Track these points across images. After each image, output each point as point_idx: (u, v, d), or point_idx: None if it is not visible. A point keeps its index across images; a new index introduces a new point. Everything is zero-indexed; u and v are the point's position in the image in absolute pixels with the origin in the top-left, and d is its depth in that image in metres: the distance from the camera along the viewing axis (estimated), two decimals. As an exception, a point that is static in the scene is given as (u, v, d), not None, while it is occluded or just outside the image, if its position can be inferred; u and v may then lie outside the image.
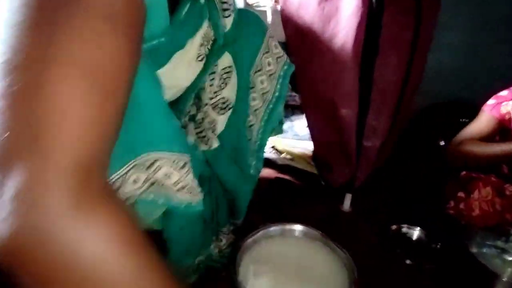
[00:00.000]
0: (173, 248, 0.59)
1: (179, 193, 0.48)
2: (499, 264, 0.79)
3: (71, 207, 0.23)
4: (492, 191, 0.86)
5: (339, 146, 0.87)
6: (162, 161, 0.44)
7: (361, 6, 0.70)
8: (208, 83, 0.65)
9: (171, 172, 0.46)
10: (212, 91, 0.65)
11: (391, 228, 0.89)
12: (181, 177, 0.47)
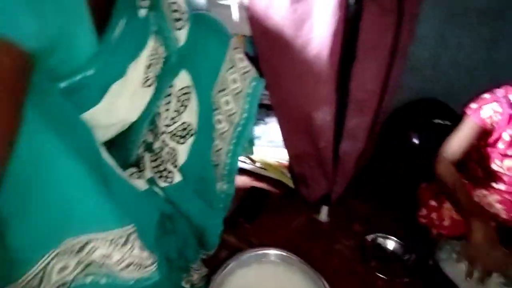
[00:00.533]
0: None
1: (123, 272, 0.41)
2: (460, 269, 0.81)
3: None
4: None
5: (315, 159, 0.83)
6: (97, 242, 0.37)
7: (337, 11, 0.62)
8: (163, 107, 0.56)
9: (110, 252, 0.39)
10: (168, 116, 0.57)
11: (366, 239, 0.89)
12: (125, 254, 0.40)
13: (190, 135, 0.60)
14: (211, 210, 0.66)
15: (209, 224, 0.65)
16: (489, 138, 0.88)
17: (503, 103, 0.83)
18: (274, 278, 0.70)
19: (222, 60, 0.60)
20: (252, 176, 1.10)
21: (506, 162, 0.84)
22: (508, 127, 0.84)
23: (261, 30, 0.73)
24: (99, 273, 0.39)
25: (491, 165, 0.88)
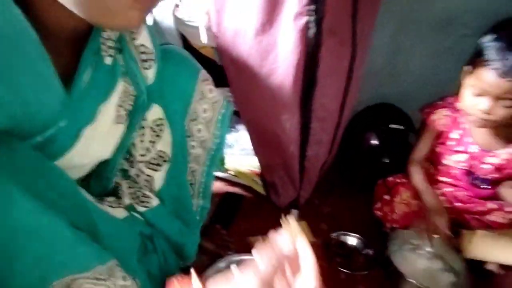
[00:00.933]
0: None
1: None
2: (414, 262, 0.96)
3: None
4: (411, 194, 1.01)
5: (283, 169, 0.93)
6: (82, 280, 0.42)
7: (299, 44, 0.70)
8: (138, 138, 0.62)
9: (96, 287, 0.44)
10: (144, 147, 0.63)
11: (331, 237, 1.01)
12: (109, 286, 0.45)
13: (165, 162, 0.66)
14: (188, 228, 0.73)
15: (187, 241, 0.73)
16: (441, 138, 1.04)
17: (450, 108, 0.98)
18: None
19: (192, 93, 0.65)
20: (226, 182, 1.19)
21: (454, 157, 1.01)
22: (455, 128, 1.00)
23: (229, 58, 0.80)
24: None
25: (443, 161, 1.04)
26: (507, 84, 0.80)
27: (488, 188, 1.02)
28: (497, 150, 0.96)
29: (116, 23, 0.38)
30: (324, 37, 0.72)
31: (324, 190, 1.15)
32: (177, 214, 0.70)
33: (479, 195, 1.04)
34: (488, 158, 0.97)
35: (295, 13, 0.68)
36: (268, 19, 0.71)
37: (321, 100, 0.81)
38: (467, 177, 1.02)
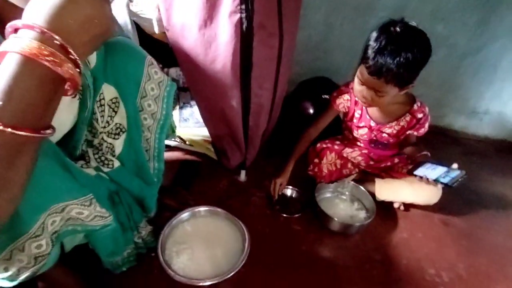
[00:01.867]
0: (101, 252, 0.84)
1: (92, 221, 0.70)
2: (335, 205, 1.26)
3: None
4: (335, 156, 1.30)
5: (230, 138, 1.16)
6: (71, 206, 0.64)
7: (234, 36, 0.90)
8: (99, 114, 0.80)
9: (81, 211, 0.67)
10: (104, 120, 0.81)
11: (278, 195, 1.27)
12: (91, 211, 0.68)
13: (122, 132, 0.84)
14: (147, 185, 0.92)
15: (146, 196, 0.92)
16: (348, 117, 1.29)
17: (351, 93, 1.22)
18: (206, 226, 1.05)
19: (141, 76, 0.83)
20: (183, 151, 1.40)
21: (360, 131, 1.28)
22: (356, 108, 1.25)
23: (178, 47, 0.98)
24: (76, 223, 0.67)
25: (354, 133, 1.31)
26: (376, 80, 1.02)
27: (389, 149, 1.32)
28: (389, 123, 1.22)
29: None
30: (255, 30, 0.92)
31: (269, 153, 1.41)
32: (137, 174, 0.89)
33: (385, 155, 1.34)
34: (385, 129, 1.24)
35: (230, 11, 0.87)
36: (209, 16, 0.89)
37: (257, 80, 1.02)
38: (373, 144, 1.31)
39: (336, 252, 1.13)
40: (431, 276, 1.09)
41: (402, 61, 0.94)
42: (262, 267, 1.01)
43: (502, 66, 1.63)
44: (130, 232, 0.92)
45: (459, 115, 1.85)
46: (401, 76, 0.98)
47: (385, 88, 1.02)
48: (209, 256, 0.96)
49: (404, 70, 0.96)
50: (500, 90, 1.71)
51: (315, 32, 1.64)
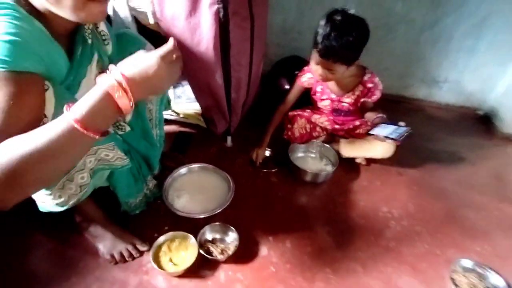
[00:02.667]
0: (120, 193, 1.12)
1: (116, 162, 0.97)
2: (307, 161, 1.56)
3: None
4: (305, 121, 1.58)
5: (216, 108, 1.43)
6: (101, 149, 0.91)
7: (214, 23, 1.15)
8: None
9: (107, 153, 0.93)
10: None
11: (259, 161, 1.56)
12: (114, 154, 0.95)
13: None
14: (151, 147, 1.19)
15: (151, 155, 1.20)
16: (312, 91, 1.57)
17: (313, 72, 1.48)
18: (199, 177, 1.35)
19: None
20: (178, 124, 1.68)
21: (322, 103, 1.56)
22: (318, 84, 1.52)
23: (170, 34, 1.24)
24: (104, 163, 0.93)
25: (318, 105, 1.59)
26: (326, 61, 1.27)
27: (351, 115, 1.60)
28: (347, 94, 1.50)
29: (85, 17, 0.72)
30: (230, 17, 1.18)
31: (251, 123, 1.69)
32: (143, 137, 1.16)
33: (347, 120, 1.62)
34: (344, 99, 1.51)
35: (210, 3, 1.13)
36: (193, 8, 1.15)
37: (235, 57, 1.29)
38: (336, 112, 1.59)
39: (307, 197, 1.43)
40: (384, 212, 1.39)
41: (344, 44, 1.21)
42: (245, 209, 1.31)
43: (455, 38, 1.90)
44: (140, 183, 1.21)
45: (422, 84, 2.12)
46: (345, 56, 1.26)
47: (334, 67, 1.29)
48: (202, 199, 1.26)
49: (347, 51, 1.24)
50: (456, 60, 1.98)
51: (289, 16, 1.90)
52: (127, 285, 1.03)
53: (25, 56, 0.67)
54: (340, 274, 1.13)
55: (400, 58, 2.03)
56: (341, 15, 1.23)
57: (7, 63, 0.63)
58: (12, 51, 0.64)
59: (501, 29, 1.81)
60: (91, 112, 0.63)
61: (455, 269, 1.16)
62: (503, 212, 1.45)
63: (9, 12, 0.66)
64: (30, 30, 0.69)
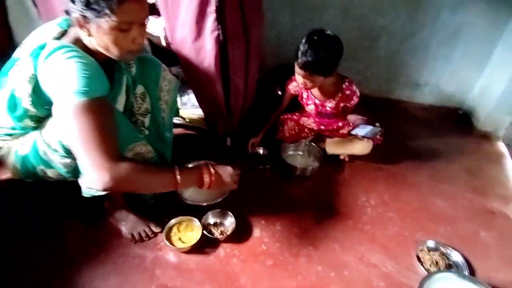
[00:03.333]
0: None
1: (147, 155, 1.22)
2: (296, 158, 1.80)
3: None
4: (294, 123, 1.83)
5: (217, 113, 1.69)
6: (138, 145, 1.17)
7: (214, 45, 1.40)
8: (135, 103, 1.31)
9: (141, 148, 1.19)
10: (137, 106, 1.32)
11: (252, 150, 1.81)
12: (146, 149, 1.20)
13: (148, 113, 1.36)
14: (165, 146, 1.45)
15: (165, 152, 1.45)
16: (299, 97, 1.81)
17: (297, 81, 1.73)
18: None
19: (159, 77, 1.37)
20: (185, 128, 1.95)
21: (308, 107, 1.81)
22: (303, 91, 1.78)
23: (179, 54, 1.50)
24: (139, 157, 1.18)
25: (305, 109, 1.84)
26: (305, 73, 1.52)
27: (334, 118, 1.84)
28: (329, 99, 1.74)
29: (121, 59, 1.07)
30: (228, 39, 1.42)
31: (249, 124, 1.94)
32: (158, 139, 1.42)
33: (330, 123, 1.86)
34: (326, 103, 1.76)
35: (211, 30, 1.37)
36: (197, 34, 1.40)
37: (233, 71, 1.53)
38: (320, 115, 1.84)
39: (296, 189, 1.67)
40: (362, 201, 1.63)
41: (318, 59, 1.47)
42: (242, 199, 1.55)
43: (432, 47, 2.12)
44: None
45: (405, 88, 2.35)
46: (320, 69, 1.51)
47: (312, 78, 1.55)
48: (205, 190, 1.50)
49: (321, 65, 1.49)
50: (434, 67, 2.21)
51: (284, 31, 2.16)
52: (145, 259, 1.29)
53: (96, 84, 0.96)
54: (321, 251, 1.37)
55: (384, 65, 2.26)
56: (318, 35, 1.48)
57: (87, 93, 0.91)
58: (88, 83, 0.92)
59: (473, 39, 2.04)
60: (187, 177, 1.15)
61: (421, 248, 1.38)
62: (470, 201, 1.68)
63: (76, 54, 0.94)
64: (90, 64, 0.96)
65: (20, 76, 1.00)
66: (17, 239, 1.35)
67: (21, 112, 1.06)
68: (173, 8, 1.37)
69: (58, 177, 1.19)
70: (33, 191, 1.44)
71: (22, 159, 1.17)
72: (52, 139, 1.07)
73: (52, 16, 1.53)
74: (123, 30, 0.96)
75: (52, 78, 0.95)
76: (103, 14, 0.91)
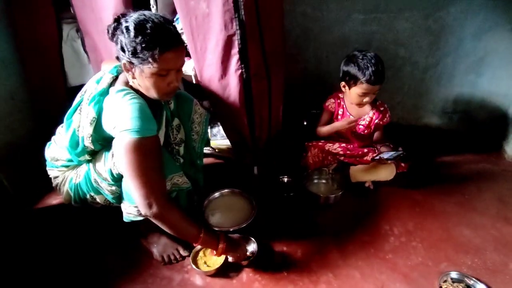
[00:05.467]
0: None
1: (183, 185, 1.37)
2: (320, 186, 1.87)
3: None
4: (317, 150, 1.91)
5: (243, 145, 1.82)
6: (175, 176, 1.32)
7: (238, 83, 1.54)
8: (171, 134, 1.48)
9: (178, 179, 1.34)
10: (173, 137, 1.49)
11: (277, 179, 1.90)
12: (182, 180, 1.35)
13: (182, 142, 1.53)
14: (197, 173, 1.62)
15: (197, 178, 1.61)
16: (335, 115, 1.91)
17: (335, 98, 1.86)
18: (229, 200, 1.73)
19: (191, 111, 1.54)
20: (214, 157, 2.10)
21: None
22: (339, 108, 1.88)
23: (207, 90, 1.66)
24: (175, 186, 1.34)
25: None
26: (377, 86, 1.66)
27: (364, 140, 1.91)
28: (363, 116, 1.84)
29: (157, 99, 1.22)
30: (251, 77, 1.57)
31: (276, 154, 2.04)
32: (191, 166, 1.58)
33: (360, 145, 1.93)
34: (360, 121, 1.85)
35: (235, 69, 1.53)
36: (223, 73, 1.56)
37: (257, 106, 1.67)
38: (352, 134, 1.91)
39: (319, 217, 1.72)
40: (385, 230, 1.64)
41: (382, 65, 1.67)
42: (265, 225, 1.63)
43: (457, 75, 2.14)
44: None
45: (433, 115, 2.35)
46: (384, 75, 1.67)
47: (377, 88, 1.69)
48: (230, 216, 1.63)
49: (384, 71, 1.67)
50: (461, 94, 2.20)
51: (309, 64, 2.29)
52: (172, 280, 1.40)
53: (149, 124, 1.14)
54: (340, 278, 1.40)
55: (409, 94, 2.30)
56: (361, 51, 1.69)
57: (140, 132, 1.08)
58: (142, 123, 1.10)
59: (499, 66, 2.03)
60: (206, 239, 1.27)
61: (445, 279, 1.37)
62: (500, 231, 1.63)
63: (133, 96, 1.13)
64: (143, 104, 1.15)
65: (83, 120, 1.21)
66: (61, 257, 1.52)
67: (81, 148, 1.26)
68: (201, 50, 1.55)
69: (104, 202, 1.37)
70: (80, 216, 1.63)
71: (76, 187, 1.37)
72: (102, 169, 1.25)
73: (99, 62, 1.79)
74: (161, 75, 1.13)
75: (113, 117, 1.13)
76: (146, 62, 1.08)
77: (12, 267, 1.48)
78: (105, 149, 1.26)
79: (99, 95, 1.17)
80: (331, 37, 2.16)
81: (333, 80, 2.27)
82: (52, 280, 1.42)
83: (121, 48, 1.09)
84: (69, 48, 1.99)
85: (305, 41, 2.20)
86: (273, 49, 1.63)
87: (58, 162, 1.37)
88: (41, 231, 1.66)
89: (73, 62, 2.02)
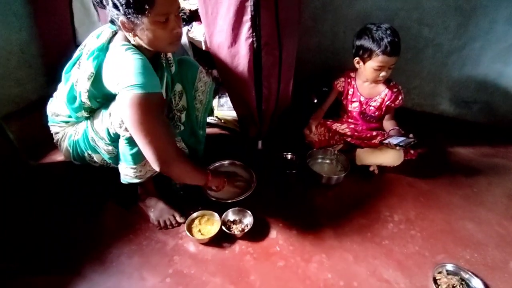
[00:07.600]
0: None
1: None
2: (323, 166, 1.83)
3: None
4: (324, 129, 1.86)
5: (249, 117, 1.78)
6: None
7: (249, 51, 1.49)
8: (173, 99, 1.46)
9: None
10: (175, 102, 1.47)
11: (280, 155, 1.87)
12: (180, 145, 1.38)
13: (184, 110, 1.51)
14: (198, 142, 1.60)
15: (198, 148, 1.60)
16: (344, 95, 1.85)
17: (346, 77, 1.79)
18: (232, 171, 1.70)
19: (195, 78, 1.50)
20: (219, 128, 2.07)
21: (352, 105, 1.85)
22: (349, 87, 1.81)
23: (216, 59, 1.61)
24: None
25: (348, 108, 1.86)
26: (394, 58, 1.58)
27: (374, 122, 1.85)
28: (374, 98, 1.77)
29: (165, 50, 1.22)
30: (262, 47, 1.51)
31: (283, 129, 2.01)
32: (192, 135, 1.56)
33: (369, 127, 1.87)
34: (371, 102, 1.78)
35: (246, 37, 1.47)
36: (233, 40, 1.50)
37: (266, 78, 1.61)
38: (362, 116, 1.85)
39: (319, 196, 1.70)
40: (385, 216, 1.61)
41: (398, 38, 1.58)
42: (263, 200, 1.63)
43: (483, 62, 2.01)
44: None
45: (451, 104, 2.24)
46: (400, 47, 1.58)
47: (394, 61, 1.61)
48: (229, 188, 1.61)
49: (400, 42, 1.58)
50: (484, 83, 2.09)
51: (324, 39, 2.18)
52: (167, 245, 1.42)
53: (154, 79, 1.12)
54: (333, 259, 1.39)
55: (428, 79, 2.19)
56: (375, 23, 1.63)
57: (146, 88, 1.06)
58: (147, 79, 1.07)
59: (531, 55, 1.90)
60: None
61: (440, 270, 1.35)
62: (506, 229, 1.58)
63: (135, 51, 1.11)
64: (146, 61, 1.12)
65: (81, 74, 1.18)
66: (61, 213, 1.56)
67: (78, 104, 1.24)
68: (212, 15, 1.49)
69: (101, 162, 1.38)
70: (81, 174, 1.66)
71: (74, 144, 1.37)
72: (100, 128, 1.24)
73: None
74: (161, 22, 1.09)
75: (116, 73, 1.10)
76: (143, 10, 1.04)
77: (12, 219, 1.53)
78: (103, 107, 1.24)
79: (98, 50, 1.14)
80: (351, 12, 2.04)
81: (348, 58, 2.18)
82: (49, 234, 1.46)
83: (114, 6, 1.04)
84: (79, 3, 1.95)
85: (323, 13, 2.09)
86: (288, 19, 1.55)
87: (59, 118, 1.37)
88: (43, 186, 1.69)
89: (82, 19, 1.99)
